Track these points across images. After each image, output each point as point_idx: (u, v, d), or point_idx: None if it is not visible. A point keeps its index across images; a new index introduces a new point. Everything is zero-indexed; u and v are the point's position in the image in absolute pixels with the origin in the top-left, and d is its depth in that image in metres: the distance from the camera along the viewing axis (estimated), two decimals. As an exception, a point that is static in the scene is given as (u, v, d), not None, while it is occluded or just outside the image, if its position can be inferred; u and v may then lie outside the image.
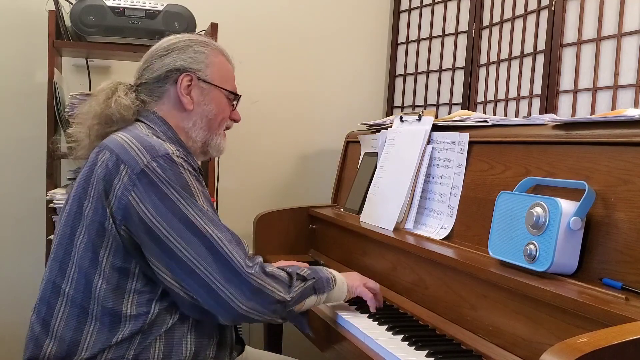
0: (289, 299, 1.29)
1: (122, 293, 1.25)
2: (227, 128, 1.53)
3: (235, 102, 1.52)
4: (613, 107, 1.88)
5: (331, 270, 1.45)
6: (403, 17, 2.90)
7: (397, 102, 2.92)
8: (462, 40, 2.60)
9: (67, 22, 2.16)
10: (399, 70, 2.92)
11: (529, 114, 2.19)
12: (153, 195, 1.21)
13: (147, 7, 2.13)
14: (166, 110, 1.41)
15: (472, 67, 2.54)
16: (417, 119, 1.85)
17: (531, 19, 2.24)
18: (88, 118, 1.40)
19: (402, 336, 1.34)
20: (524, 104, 2.25)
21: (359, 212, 2.00)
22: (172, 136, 1.39)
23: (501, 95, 2.38)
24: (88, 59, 2.44)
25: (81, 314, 1.25)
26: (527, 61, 2.24)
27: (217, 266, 1.22)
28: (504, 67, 2.37)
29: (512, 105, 2.31)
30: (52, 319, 1.27)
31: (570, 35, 2.05)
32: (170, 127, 1.40)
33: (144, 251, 1.24)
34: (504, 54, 2.37)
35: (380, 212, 1.84)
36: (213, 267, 1.22)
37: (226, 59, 1.51)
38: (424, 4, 2.79)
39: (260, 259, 1.30)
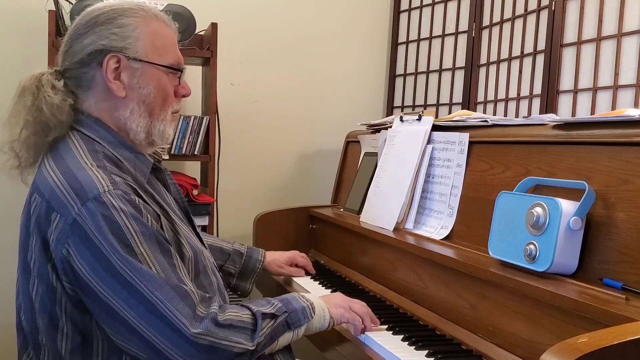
0: (252, 347, 1.13)
1: (90, 353, 1.14)
2: (175, 112, 1.30)
3: (180, 75, 1.28)
4: (613, 107, 1.88)
5: (308, 296, 1.29)
6: (403, 17, 2.90)
7: (397, 102, 2.92)
8: (462, 40, 2.60)
9: (67, 22, 2.16)
10: (399, 70, 2.92)
11: (529, 114, 2.19)
12: (86, 250, 1.07)
13: (147, 7, 2.13)
14: (99, 104, 1.22)
15: (472, 67, 2.54)
16: (417, 119, 1.85)
17: (531, 19, 2.24)
18: (18, 129, 1.20)
19: (402, 336, 1.34)
20: (524, 104, 2.25)
21: (359, 212, 2.00)
22: (113, 140, 1.21)
23: (501, 95, 2.38)
24: (88, 59, 2.44)
25: None
26: (527, 61, 2.24)
27: (160, 329, 1.07)
28: (504, 67, 2.37)
29: (512, 105, 2.31)
30: None
31: (570, 35, 2.05)
32: (109, 129, 1.22)
33: (90, 309, 1.11)
34: (504, 54, 2.37)
35: (380, 212, 1.84)
36: (157, 329, 1.07)
37: (163, 24, 1.26)
38: (424, 4, 2.79)
39: (214, 307, 1.12)
